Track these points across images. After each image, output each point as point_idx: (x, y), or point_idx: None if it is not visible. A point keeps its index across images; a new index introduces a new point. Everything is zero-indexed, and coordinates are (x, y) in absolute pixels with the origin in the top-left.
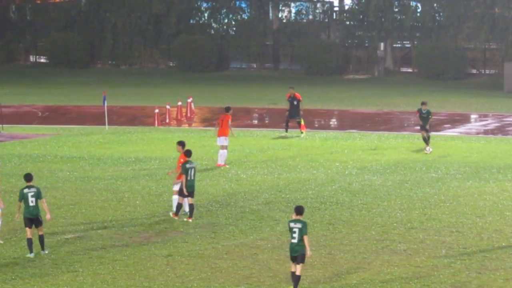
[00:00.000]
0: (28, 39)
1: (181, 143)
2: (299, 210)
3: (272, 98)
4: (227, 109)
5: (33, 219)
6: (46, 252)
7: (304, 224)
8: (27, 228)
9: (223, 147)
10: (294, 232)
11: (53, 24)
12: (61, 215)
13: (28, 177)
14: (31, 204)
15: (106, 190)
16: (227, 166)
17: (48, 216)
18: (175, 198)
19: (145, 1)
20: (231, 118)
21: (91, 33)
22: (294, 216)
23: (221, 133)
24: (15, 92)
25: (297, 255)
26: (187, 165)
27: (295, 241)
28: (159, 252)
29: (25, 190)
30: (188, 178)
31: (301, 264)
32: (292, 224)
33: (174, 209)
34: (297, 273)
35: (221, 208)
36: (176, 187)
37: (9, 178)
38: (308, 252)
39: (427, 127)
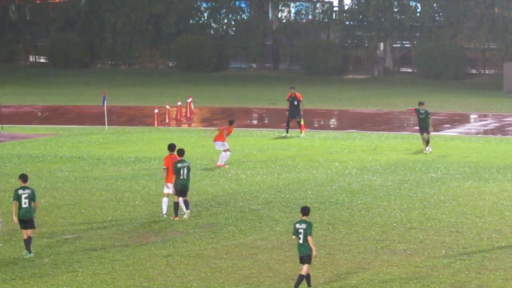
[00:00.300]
0: (27, 39)
1: (170, 148)
2: (304, 211)
3: (272, 98)
4: (231, 122)
5: (26, 221)
6: (27, 253)
7: (309, 224)
8: (23, 230)
9: (225, 150)
10: (300, 233)
11: (53, 24)
12: (60, 215)
13: (23, 178)
14: (24, 205)
15: (106, 190)
16: (227, 166)
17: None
18: (165, 200)
19: (144, 1)
20: (231, 131)
21: (90, 33)
22: (301, 217)
23: (217, 139)
24: (15, 92)
25: (303, 255)
26: (179, 165)
27: (300, 241)
28: (159, 252)
29: (20, 191)
30: (181, 177)
31: (306, 265)
32: (297, 225)
33: (164, 210)
34: (301, 272)
35: (221, 208)
36: (166, 190)
37: (9, 178)
38: (314, 253)
39: (429, 129)
